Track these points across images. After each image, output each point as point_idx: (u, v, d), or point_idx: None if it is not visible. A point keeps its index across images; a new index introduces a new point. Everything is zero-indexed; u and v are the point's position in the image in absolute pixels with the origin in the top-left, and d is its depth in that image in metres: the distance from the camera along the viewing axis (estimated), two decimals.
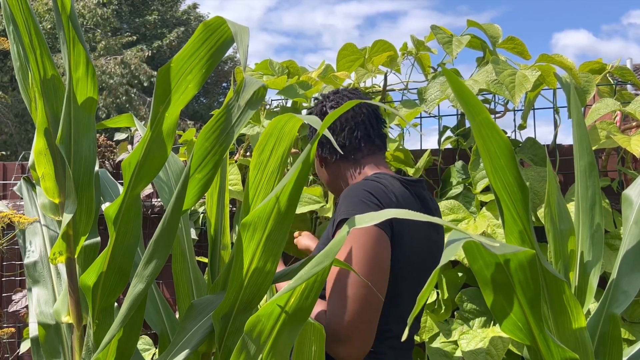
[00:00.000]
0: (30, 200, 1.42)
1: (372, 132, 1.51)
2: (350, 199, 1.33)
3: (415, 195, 1.44)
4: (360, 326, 1.24)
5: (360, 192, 1.34)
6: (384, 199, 1.33)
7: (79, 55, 1.08)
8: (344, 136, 1.49)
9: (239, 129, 1.02)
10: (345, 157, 1.50)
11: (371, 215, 0.87)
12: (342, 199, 1.36)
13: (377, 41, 2.12)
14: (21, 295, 2.29)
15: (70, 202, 1.12)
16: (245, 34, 0.90)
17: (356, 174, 1.50)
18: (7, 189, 2.52)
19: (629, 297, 1.04)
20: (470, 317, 1.87)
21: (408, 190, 1.41)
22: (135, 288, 1.01)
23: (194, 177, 1.06)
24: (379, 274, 1.29)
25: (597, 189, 1.10)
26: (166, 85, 0.97)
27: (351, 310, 1.24)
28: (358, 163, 1.49)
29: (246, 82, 0.93)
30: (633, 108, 1.84)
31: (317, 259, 0.87)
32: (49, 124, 1.14)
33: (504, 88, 1.83)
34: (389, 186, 1.37)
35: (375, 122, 1.52)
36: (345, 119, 1.50)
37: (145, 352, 2.19)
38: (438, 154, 2.12)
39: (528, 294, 0.82)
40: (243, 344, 0.93)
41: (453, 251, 0.71)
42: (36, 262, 1.32)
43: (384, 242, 1.30)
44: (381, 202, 1.33)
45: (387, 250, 1.30)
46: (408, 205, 1.39)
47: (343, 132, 1.49)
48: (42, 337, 1.24)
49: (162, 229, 1.01)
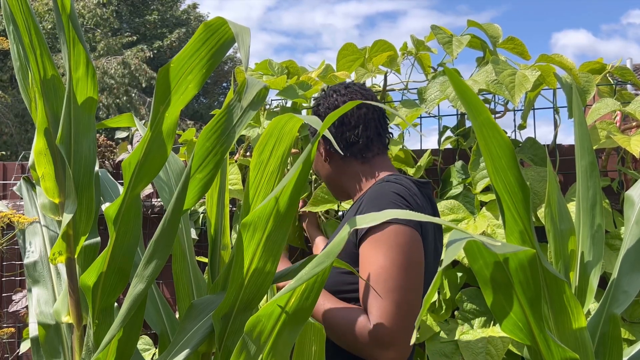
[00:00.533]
0: (30, 200, 1.42)
1: (381, 132, 1.51)
2: (379, 201, 1.31)
3: (427, 197, 1.44)
4: (406, 330, 1.21)
5: (389, 194, 1.32)
6: (410, 200, 1.33)
7: (79, 55, 1.08)
8: (357, 133, 1.46)
9: (240, 130, 1.02)
10: (355, 155, 1.48)
11: (373, 216, 0.86)
12: (369, 201, 1.34)
13: (377, 41, 2.12)
14: (21, 295, 2.29)
15: (70, 202, 1.12)
16: (246, 34, 0.90)
17: (368, 174, 1.47)
18: (7, 189, 2.52)
19: (629, 297, 1.04)
20: (470, 317, 1.87)
21: (420, 192, 1.41)
22: (136, 288, 1.01)
23: (194, 177, 1.05)
24: (420, 276, 1.28)
25: (598, 189, 1.10)
26: (166, 86, 0.97)
27: (399, 315, 1.21)
28: (368, 162, 1.48)
29: (249, 83, 0.93)
30: (633, 108, 1.84)
31: (317, 260, 0.87)
32: (49, 124, 1.14)
33: (503, 88, 1.83)
34: (410, 188, 1.37)
35: (384, 122, 1.52)
36: (358, 115, 1.47)
37: (145, 352, 2.19)
38: (438, 154, 2.12)
39: (528, 294, 0.82)
40: (243, 344, 0.93)
41: (455, 251, 0.71)
42: (36, 262, 1.32)
43: (419, 242, 1.29)
44: (410, 204, 1.32)
45: (422, 251, 1.30)
46: (424, 207, 1.39)
47: (357, 128, 1.46)
48: (42, 337, 1.24)
49: (163, 229, 1.01)
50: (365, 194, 1.40)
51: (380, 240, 1.26)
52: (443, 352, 1.85)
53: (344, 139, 1.47)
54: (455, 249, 0.71)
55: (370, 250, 1.27)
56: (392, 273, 1.23)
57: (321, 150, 1.52)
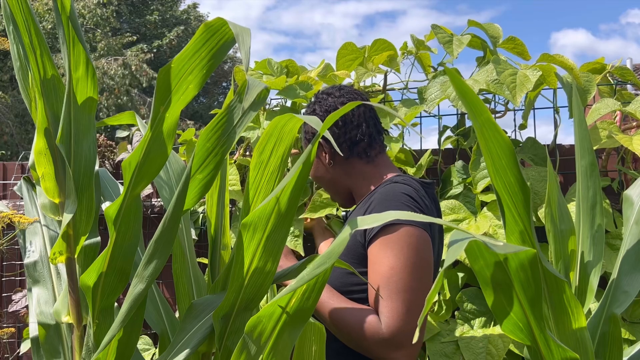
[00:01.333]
0: (30, 200, 1.41)
1: (380, 129, 1.51)
2: (390, 203, 1.31)
3: (432, 197, 1.44)
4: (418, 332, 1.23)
5: (400, 195, 1.32)
6: (419, 202, 1.33)
7: (78, 55, 1.08)
8: (361, 131, 1.45)
9: (241, 130, 1.01)
10: (359, 155, 1.47)
11: (375, 217, 0.86)
12: (379, 202, 1.33)
13: (377, 40, 2.11)
14: (21, 295, 2.29)
15: (70, 202, 1.12)
16: (247, 35, 0.90)
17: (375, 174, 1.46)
18: (7, 189, 2.52)
19: (629, 297, 1.04)
20: (470, 317, 1.86)
21: (426, 193, 1.41)
22: (136, 288, 1.01)
23: (195, 177, 1.05)
24: (430, 277, 1.28)
25: (598, 189, 1.09)
26: (167, 86, 0.97)
27: (410, 316, 1.21)
28: (372, 162, 1.47)
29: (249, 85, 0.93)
30: (633, 108, 1.84)
31: (318, 261, 0.87)
32: (49, 124, 1.14)
33: (504, 88, 1.83)
34: (419, 190, 1.37)
35: (379, 121, 1.52)
36: (359, 114, 1.46)
37: (145, 352, 2.19)
38: (438, 153, 2.12)
39: (529, 294, 0.82)
40: (244, 344, 0.93)
41: (457, 252, 0.71)
42: (36, 262, 1.32)
43: (429, 243, 1.29)
44: (420, 206, 1.32)
45: (432, 252, 1.30)
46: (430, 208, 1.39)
47: (360, 127, 1.45)
48: (42, 337, 1.24)
49: (163, 229, 1.01)
50: (373, 194, 1.39)
51: (392, 241, 1.26)
52: (443, 352, 1.84)
53: (349, 138, 1.46)
54: (457, 250, 0.71)
55: (381, 251, 1.27)
56: (403, 274, 1.23)
57: (323, 154, 1.50)
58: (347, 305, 1.30)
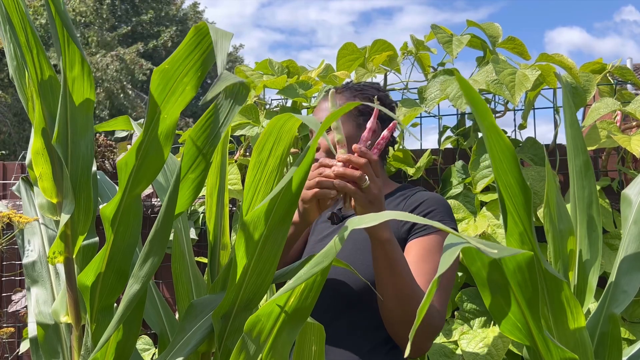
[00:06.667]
0: (29, 200, 1.41)
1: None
2: (444, 209, 1.41)
3: None
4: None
5: (447, 203, 1.45)
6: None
7: (73, 55, 1.07)
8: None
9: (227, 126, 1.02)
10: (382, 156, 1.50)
11: (373, 216, 0.86)
12: (433, 203, 1.40)
13: (377, 40, 2.12)
14: (21, 295, 2.29)
15: (67, 202, 1.11)
16: (226, 40, 0.89)
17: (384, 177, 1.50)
18: (6, 189, 2.52)
19: (628, 297, 1.04)
20: (470, 317, 1.86)
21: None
22: (132, 288, 1.01)
23: (187, 177, 1.05)
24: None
25: (594, 188, 1.09)
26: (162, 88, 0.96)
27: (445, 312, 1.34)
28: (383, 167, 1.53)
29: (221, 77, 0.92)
30: (633, 108, 1.84)
31: (316, 259, 0.87)
32: (46, 123, 1.14)
33: (503, 88, 1.83)
34: None
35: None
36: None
37: (145, 352, 2.19)
38: (438, 153, 2.12)
39: (526, 295, 0.82)
40: (243, 343, 0.93)
41: (451, 257, 0.70)
42: (35, 262, 1.32)
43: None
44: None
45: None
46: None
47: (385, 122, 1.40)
48: (41, 337, 1.24)
49: (156, 230, 1.01)
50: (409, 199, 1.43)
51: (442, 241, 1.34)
52: (443, 352, 1.84)
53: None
54: (451, 255, 0.71)
55: (439, 245, 1.34)
56: (446, 273, 1.25)
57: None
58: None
